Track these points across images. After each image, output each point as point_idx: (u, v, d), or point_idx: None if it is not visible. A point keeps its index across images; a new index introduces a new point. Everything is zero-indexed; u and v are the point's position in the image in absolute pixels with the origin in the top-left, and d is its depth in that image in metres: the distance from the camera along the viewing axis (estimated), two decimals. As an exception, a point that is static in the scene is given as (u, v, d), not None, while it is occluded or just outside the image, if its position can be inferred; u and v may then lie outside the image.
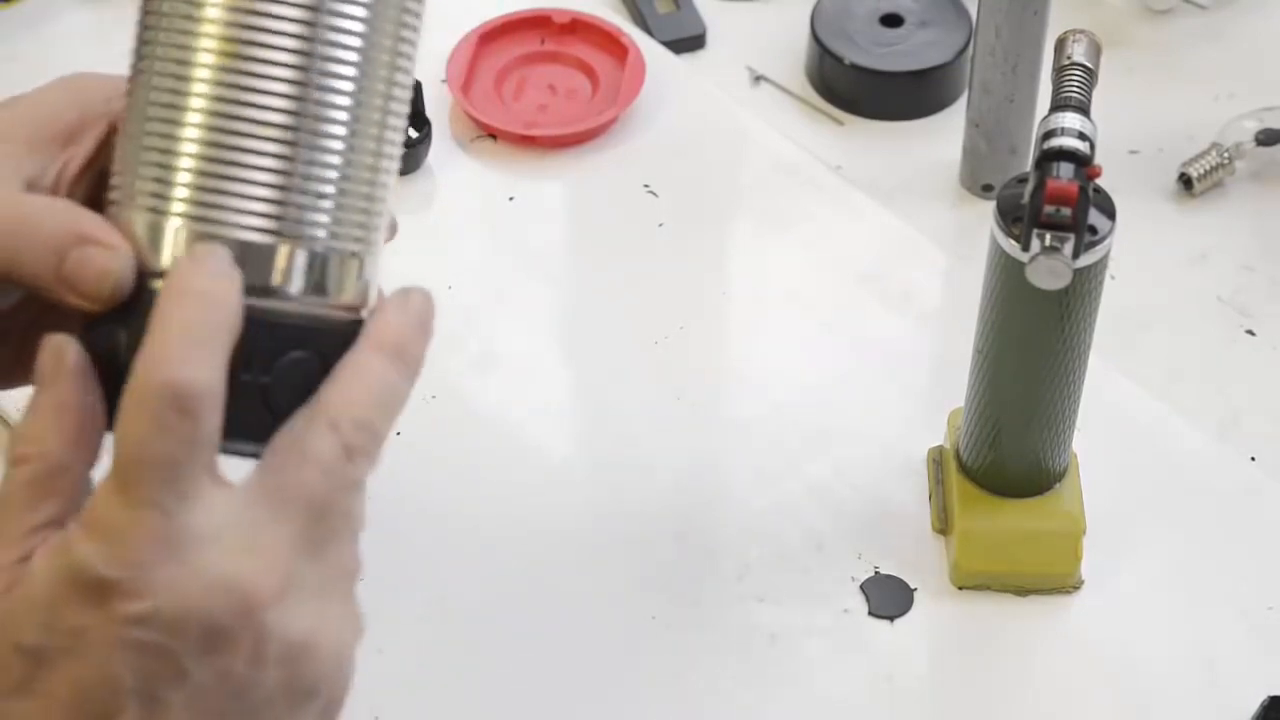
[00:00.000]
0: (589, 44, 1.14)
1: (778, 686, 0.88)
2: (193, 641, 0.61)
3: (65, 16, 1.17)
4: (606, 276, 1.04)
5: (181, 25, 0.63)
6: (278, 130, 0.63)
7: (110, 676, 0.60)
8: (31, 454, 0.63)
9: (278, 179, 0.63)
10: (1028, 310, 0.84)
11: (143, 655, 0.60)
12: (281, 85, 0.63)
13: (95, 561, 0.60)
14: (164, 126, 0.63)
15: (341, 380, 0.64)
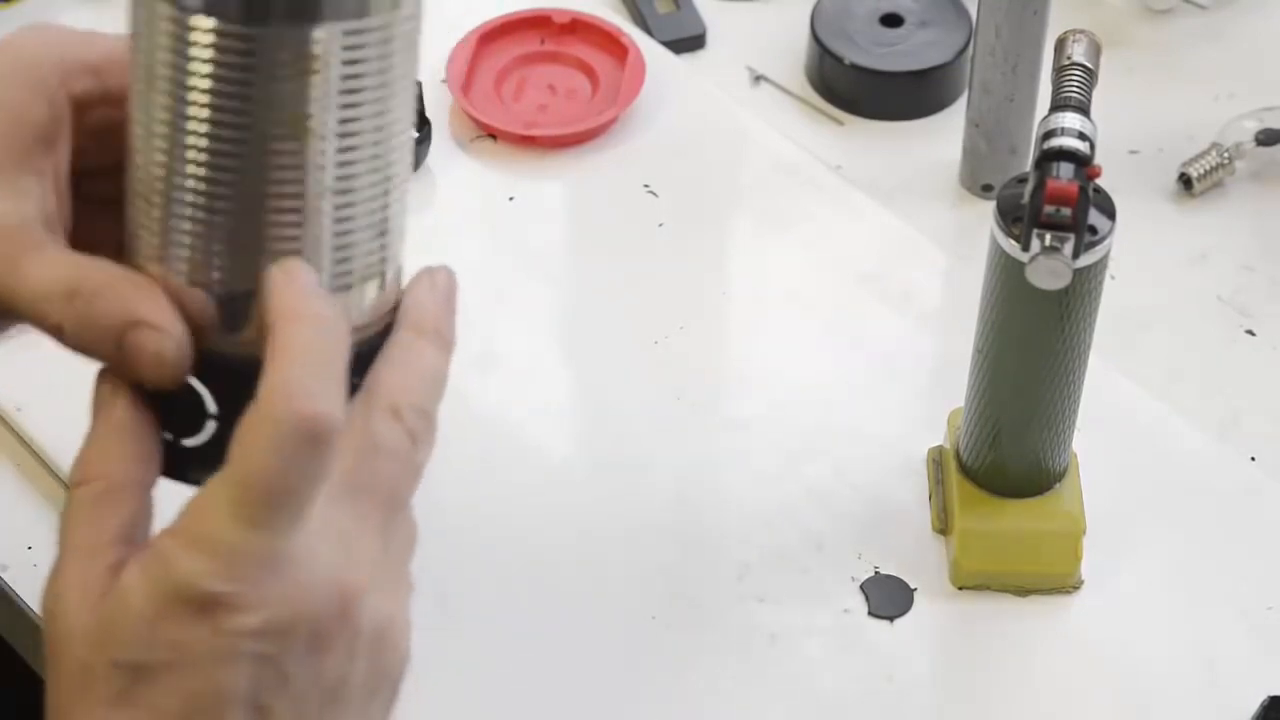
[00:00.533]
0: (589, 44, 1.14)
1: (778, 686, 0.88)
2: (298, 647, 0.63)
3: (65, 16, 1.16)
4: (606, 276, 1.04)
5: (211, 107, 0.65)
6: (298, 201, 0.66)
7: (219, 689, 0.62)
8: (93, 475, 0.65)
9: (299, 241, 0.66)
10: (1028, 310, 0.84)
11: (251, 666, 0.62)
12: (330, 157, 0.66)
13: (202, 577, 0.61)
14: (196, 197, 0.66)
15: (393, 367, 0.66)
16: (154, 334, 0.66)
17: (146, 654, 0.62)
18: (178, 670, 0.62)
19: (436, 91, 1.10)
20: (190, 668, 0.62)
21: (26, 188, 0.70)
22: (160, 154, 0.67)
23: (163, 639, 0.62)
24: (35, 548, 0.93)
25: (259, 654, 0.62)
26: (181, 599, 0.62)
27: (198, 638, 0.62)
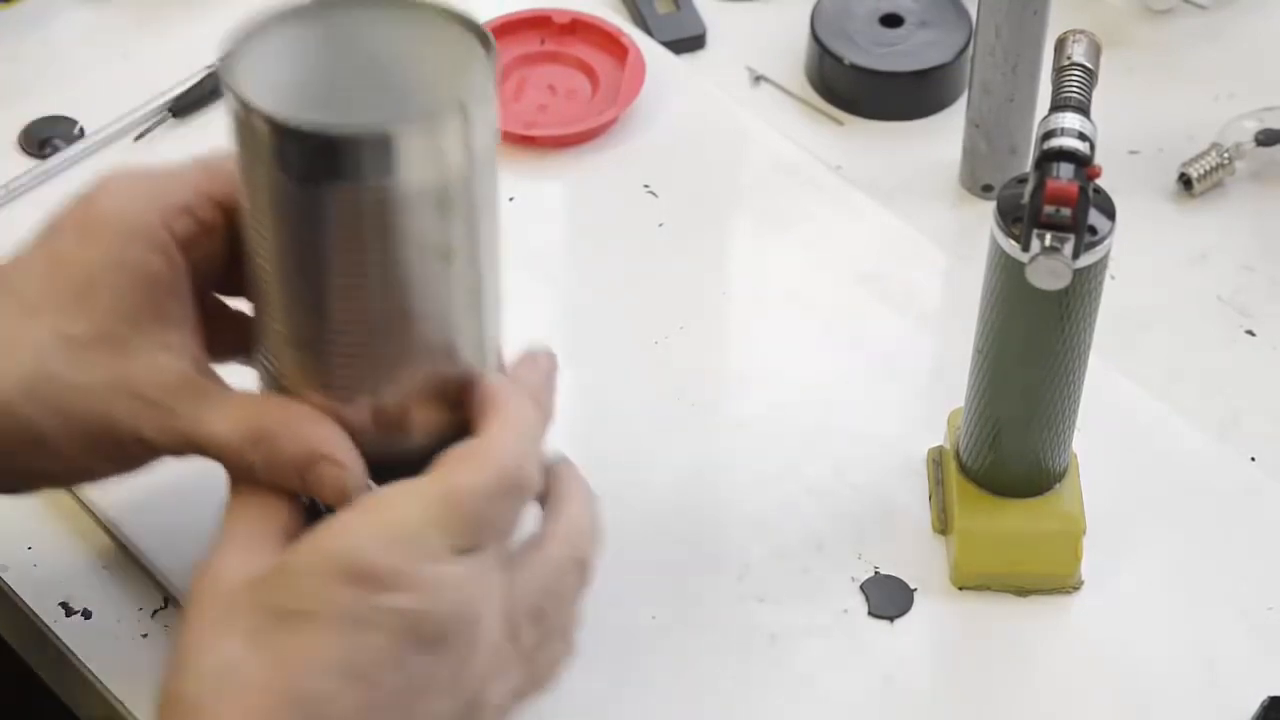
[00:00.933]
0: (589, 44, 1.14)
1: (778, 686, 0.88)
2: (423, 643, 0.72)
3: (65, 16, 1.17)
4: (606, 276, 1.04)
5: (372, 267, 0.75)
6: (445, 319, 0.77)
7: (345, 649, 0.71)
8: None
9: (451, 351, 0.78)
10: (1028, 310, 0.84)
11: (382, 639, 0.71)
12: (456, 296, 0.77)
13: (375, 552, 0.72)
14: (352, 345, 0.76)
15: (505, 431, 0.76)
16: (335, 469, 0.77)
17: (295, 602, 0.71)
18: (318, 623, 0.71)
19: (436, 91, 1.10)
20: (330, 623, 0.71)
21: (172, 341, 0.79)
22: (312, 312, 0.75)
23: (316, 592, 0.71)
24: (35, 548, 0.93)
25: (392, 632, 0.71)
26: (345, 564, 0.71)
27: (348, 600, 0.71)
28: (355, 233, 0.74)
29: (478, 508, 0.74)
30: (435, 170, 0.74)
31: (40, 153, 1.09)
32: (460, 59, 0.76)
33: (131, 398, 0.77)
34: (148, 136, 1.09)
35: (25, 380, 0.77)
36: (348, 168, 0.73)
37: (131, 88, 1.11)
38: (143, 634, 0.90)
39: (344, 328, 0.76)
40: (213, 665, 0.72)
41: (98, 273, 0.78)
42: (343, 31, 0.77)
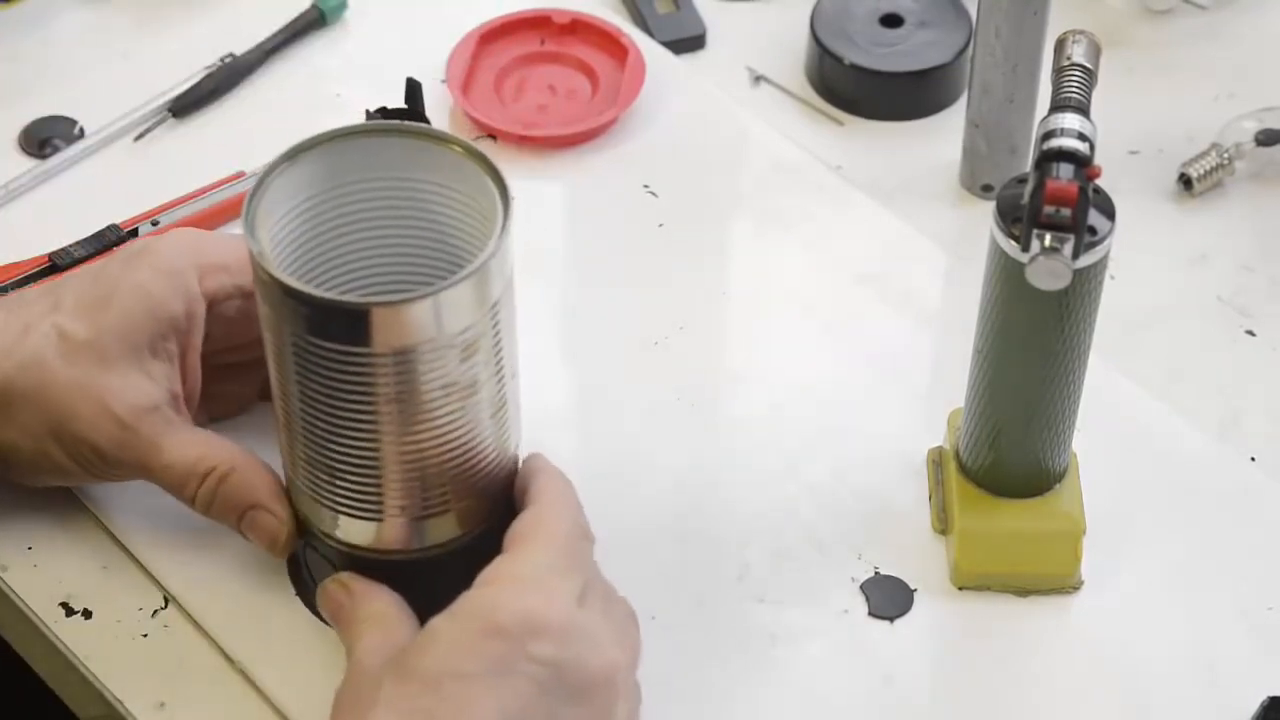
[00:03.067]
0: (589, 44, 1.14)
1: (778, 686, 0.88)
2: (568, 690, 0.77)
3: (65, 16, 1.17)
4: (606, 276, 1.04)
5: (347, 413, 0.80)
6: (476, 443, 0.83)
7: (501, 697, 0.76)
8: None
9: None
10: (1028, 310, 0.84)
11: (530, 687, 0.76)
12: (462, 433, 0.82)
13: (523, 609, 0.77)
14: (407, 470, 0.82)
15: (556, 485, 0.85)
16: (272, 519, 0.86)
17: (445, 664, 0.76)
18: (469, 680, 0.76)
19: (436, 92, 1.10)
20: (481, 679, 0.75)
21: (156, 371, 0.87)
22: (332, 447, 0.81)
23: (465, 651, 0.76)
24: (35, 548, 0.93)
25: (537, 678, 0.76)
26: (490, 621, 0.77)
27: (498, 653, 0.76)
28: (381, 383, 0.78)
29: (576, 548, 0.81)
30: (456, 327, 0.78)
31: (40, 153, 1.09)
32: (479, 202, 0.81)
33: (98, 406, 0.85)
34: (148, 136, 1.10)
35: (22, 361, 0.86)
36: (367, 335, 0.77)
37: (131, 88, 1.11)
38: (143, 634, 0.90)
39: (371, 460, 0.81)
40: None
41: (117, 292, 0.87)
42: (362, 164, 0.82)
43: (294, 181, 0.81)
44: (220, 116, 1.11)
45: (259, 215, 0.79)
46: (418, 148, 0.82)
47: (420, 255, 0.84)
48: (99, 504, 0.93)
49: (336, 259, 0.84)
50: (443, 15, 1.14)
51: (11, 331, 0.87)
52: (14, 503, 0.94)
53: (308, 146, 0.81)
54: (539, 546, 0.81)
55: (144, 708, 0.87)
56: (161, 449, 0.86)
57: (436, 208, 0.83)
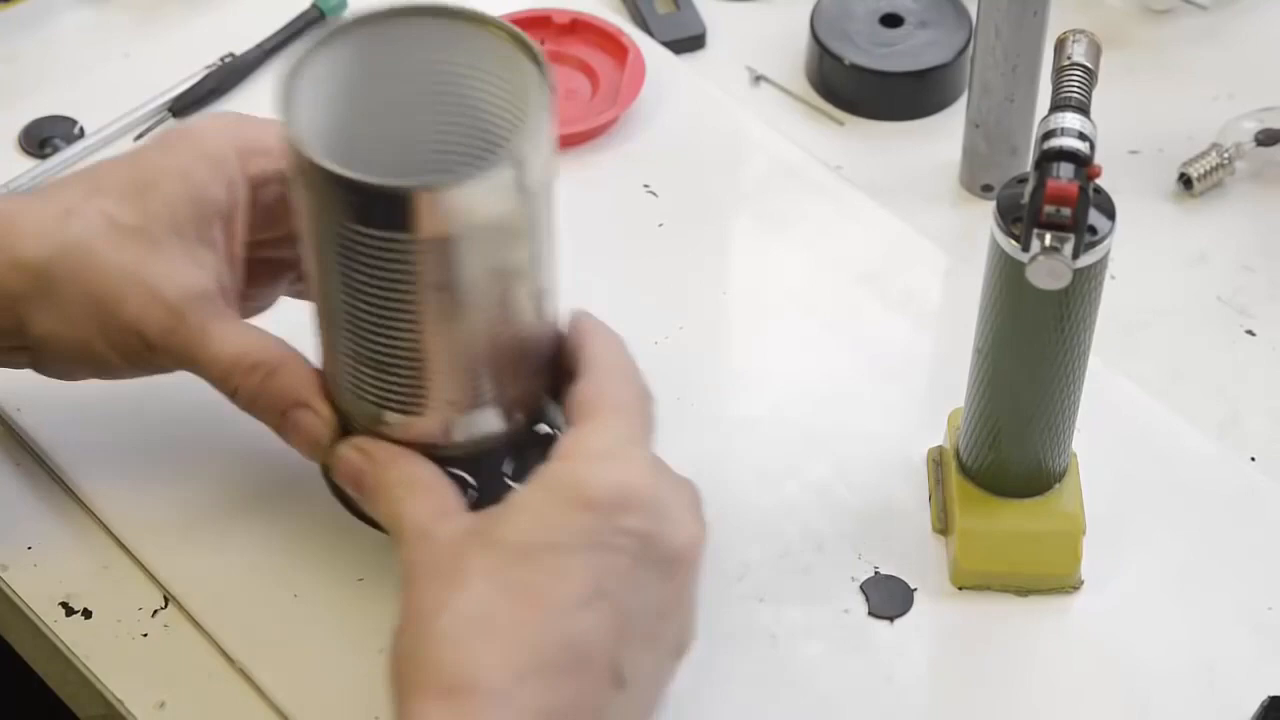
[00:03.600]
0: (589, 44, 1.14)
1: (778, 686, 0.88)
2: (655, 563, 0.76)
3: (65, 16, 1.17)
4: (606, 276, 1.04)
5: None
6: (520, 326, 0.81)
7: (588, 568, 0.74)
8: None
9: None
10: (1028, 310, 0.84)
11: (619, 559, 0.75)
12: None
13: (610, 483, 0.76)
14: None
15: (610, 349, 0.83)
16: (314, 418, 0.82)
17: (538, 535, 0.75)
18: (563, 552, 0.74)
19: (436, 91, 1.10)
20: (576, 551, 0.74)
21: (204, 259, 0.84)
22: (377, 339, 0.79)
23: (558, 523, 0.75)
24: (35, 548, 0.93)
25: (630, 551, 0.75)
26: (579, 493, 0.75)
27: (590, 525, 0.75)
28: (424, 269, 0.76)
29: (645, 411, 0.80)
30: (496, 211, 0.76)
31: (40, 152, 1.09)
32: (517, 83, 0.79)
33: (146, 291, 0.83)
34: (148, 136, 1.09)
35: (64, 245, 0.83)
36: (409, 219, 0.75)
37: (131, 88, 1.11)
38: (143, 634, 0.90)
39: (416, 351, 0.79)
40: (464, 606, 0.74)
41: (161, 178, 0.84)
42: (397, 48, 0.80)
43: (328, 66, 0.79)
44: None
45: (294, 100, 0.77)
46: (454, 29, 0.80)
47: (458, 140, 0.82)
48: (99, 504, 0.93)
49: (373, 145, 0.81)
50: (443, 15, 1.14)
51: (50, 214, 0.84)
52: (14, 503, 0.94)
53: (342, 30, 0.79)
54: (612, 416, 0.79)
55: (144, 708, 0.87)
56: (209, 339, 0.83)
57: (474, 91, 0.81)
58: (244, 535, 0.92)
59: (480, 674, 0.72)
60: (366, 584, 0.89)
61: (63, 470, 0.94)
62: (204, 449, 0.94)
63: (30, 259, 0.83)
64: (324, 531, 0.92)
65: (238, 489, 0.93)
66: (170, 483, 0.94)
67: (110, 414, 0.95)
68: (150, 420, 0.95)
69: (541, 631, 0.73)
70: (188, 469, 0.94)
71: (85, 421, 0.95)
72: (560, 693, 0.73)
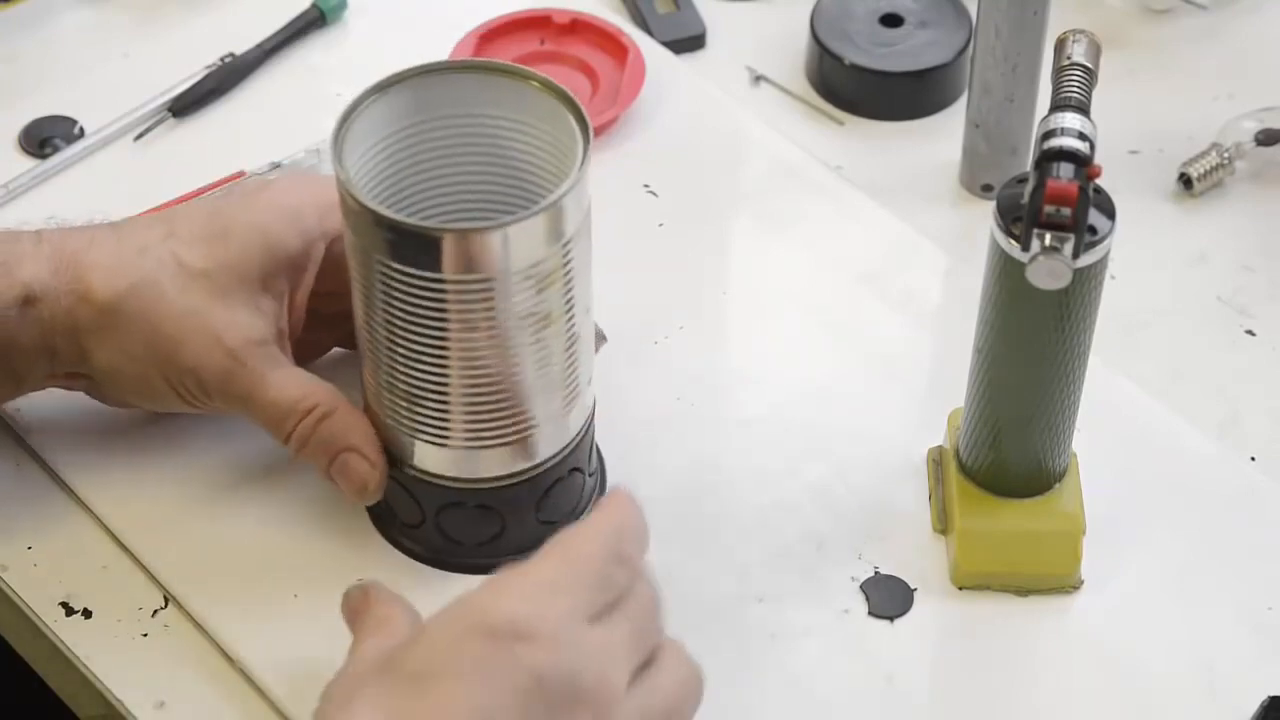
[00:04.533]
0: (589, 44, 1.14)
1: (778, 686, 0.88)
2: (561, 701, 0.73)
3: (65, 16, 1.17)
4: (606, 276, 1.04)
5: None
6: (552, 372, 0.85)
7: (489, 700, 0.72)
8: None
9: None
10: (1028, 310, 0.84)
11: (521, 695, 0.72)
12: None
13: (515, 614, 0.73)
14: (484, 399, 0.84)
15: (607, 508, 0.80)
16: (364, 463, 0.86)
17: (427, 664, 0.73)
18: (448, 679, 0.73)
19: (436, 91, 1.10)
20: (460, 678, 0.72)
21: (267, 308, 0.87)
22: (414, 372, 0.83)
23: (449, 650, 0.73)
24: (35, 548, 0.93)
25: (521, 685, 0.72)
26: (479, 621, 0.73)
27: (481, 653, 0.73)
28: (453, 309, 0.80)
29: (597, 570, 0.76)
30: (527, 260, 0.80)
31: (40, 152, 1.09)
32: (558, 136, 0.83)
33: (209, 336, 0.86)
34: (148, 136, 1.09)
35: (137, 281, 0.86)
36: (439, 261, 0.79)
37: (131, 87, 1.11)
38: (143, 634, 0.90)
39: (443, 386, 0.83)
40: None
41: (236, 226, 0.87)
42: (447, 100, 0.84)
43: (379, 115, 0.83)
44: (220, 116, 1.11)
45: (346, 146, 0.81)
46: (499, 84, 0.84)
47: (499, 190, 0.86)
48: (99, 504, 0.93)
49: (419, 192, 0.86)
50: (443, 15, 1.14)
51: (125, 252, 0.87)
52: (14, 503, 0.94)
53: (393, 81, 0.83)
54: (554, 560, 0.76)
55: (144, 707, 0.87)
56: (267, 384, 0.87)
57: (516, 143, 0.85)
58: (244, 535, 0.92)
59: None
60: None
61: (63, 470, 0.94)
62: (204, 450, 0.94)
63: (100, 295, 0.86)
64: (324, 532, 0.92)
65: (238, 489, 0.93)
66: (170, 483, 0.94)
67: (110, 415, 0.95)
68: (150, 420, 0.95)
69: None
70: (188, 469, 0.94)
71: (85, 422, 0.95)
72: None
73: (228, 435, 0.94)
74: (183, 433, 0.95)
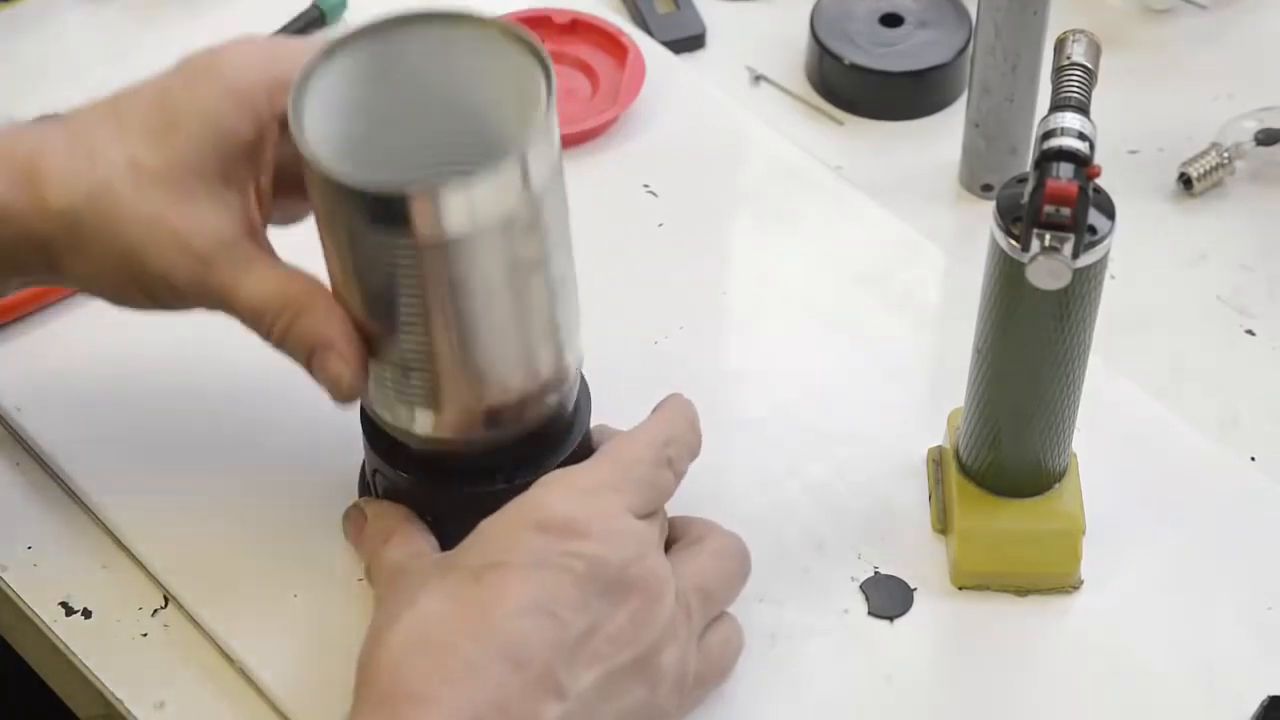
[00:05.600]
0: (589, 44, 1.14)
1: (778, 686, 0.88)
2: (606, 588, 0.79)
3: (65, 16, 1.17)
4: (606, 276, 1.04)
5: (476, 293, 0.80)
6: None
7: (540, 587, 0.78)
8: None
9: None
10: (1028, 310, 0.84)
11: (570, 581, 0.78)
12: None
13: (567, 509, 0.80)
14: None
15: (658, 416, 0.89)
16: (340, 360, 0.83)
17: (488, 557, 0.79)
18: (510, 570, 0.78)
19: (436, 91, 1.10)
20: (521, 569, 0.78)
21: (231, 201, 0.83)
22: (400, 338, 0.81)
23: (508, 544, 0.79)
24: (35, 547, 0.93)
25: (575, 571, 0.78)
26: (535, 518, 0.79)
27: (538, 546, 0.79)
28: (431, 268, 0.78)
29: (645, 473, 0.83)
30: (501, 210, 0.78)
31: (40, 152, 1.08)
32: (521, 83, 0.80)
33: (174, 241, 0.82)
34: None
35: (93, 189, 0.82)
36: (414, 221, 0.77)
37: (131, 88, 1.11)
38: (143, 634, 0.90)
39: (425, 349, 0.81)
40: (411, 622, 0.77)
41: (186, 118, 0.82)
42: (403, 54, 0.81)
43: (337, 74, 0.80)
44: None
45: (304, 109, 0.78)
46: (457, 33, 0.81)
47: (466, 141, 0.84)
48: (99, 504, 0.93)
49: (385, 152, 0.83)
50: (443, 15, 1.14)
51: (76, 158, 0.83)
52: (14, 503, 0.94)
53: (349, 38, 0.80)
54: (605, 462, 0.83)
55: (144, 707, 0.87)
56: (239, 285, 0.83)
57: (479, 92, 0.82)
58: (244, 535, 0.92)
59: (411, 682, 0.76)
60: (366, 584, 0.89)
61: (63, 470, 0.94)
62: (204, 449, 0.95)
63: (58, 206, 0.82)
64: (324, 532, 0.92)
65: (238, 488, 0.93)
66: (170, 482, 0.94)
67: (110, 414, 0.95)
68: (150, 420, 0.95)
69: (476, 638, 0.77)
70: (188, 469, 0.94)
71: (85, 421, 0.95)
72: (491, 694, 0.76)
73: (229, 436, 0.94)
74: (183, 433, 0.95)
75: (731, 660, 0.87)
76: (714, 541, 0.87)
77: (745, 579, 0.87)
